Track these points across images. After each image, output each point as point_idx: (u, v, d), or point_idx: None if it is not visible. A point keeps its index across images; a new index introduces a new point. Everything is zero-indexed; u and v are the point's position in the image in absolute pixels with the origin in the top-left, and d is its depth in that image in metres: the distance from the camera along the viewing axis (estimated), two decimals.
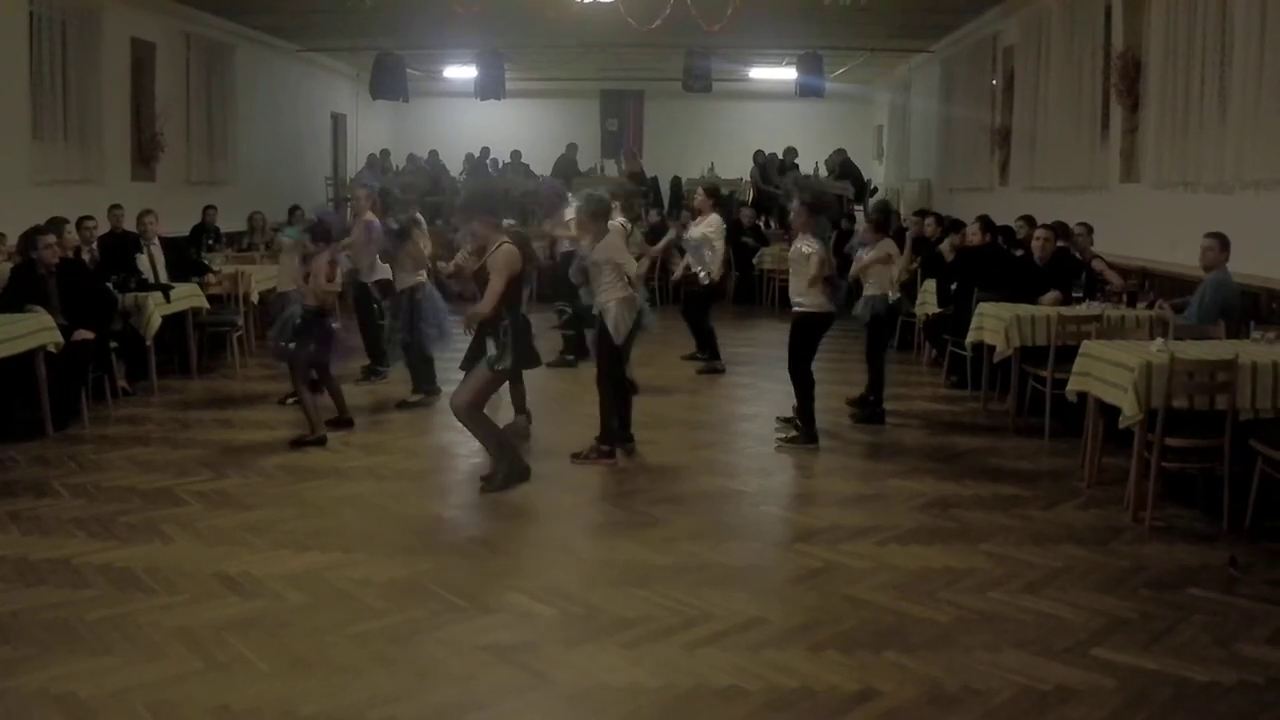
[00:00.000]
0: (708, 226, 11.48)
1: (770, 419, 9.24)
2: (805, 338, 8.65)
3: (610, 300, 8.05)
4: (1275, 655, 4.83)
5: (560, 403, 9.83)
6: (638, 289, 8.32)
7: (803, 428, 8.66)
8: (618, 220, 9.46)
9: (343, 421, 9.01)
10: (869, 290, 9.32)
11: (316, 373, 8.80)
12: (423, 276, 9.78)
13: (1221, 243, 8.10)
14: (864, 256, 9.43)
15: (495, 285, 7.13)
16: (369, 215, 10.39)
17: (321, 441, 8.50)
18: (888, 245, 9.47)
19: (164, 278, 10.97)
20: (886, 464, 8.13)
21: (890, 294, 9.32)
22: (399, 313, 9.84)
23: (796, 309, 8.62)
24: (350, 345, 9.71)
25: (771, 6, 14.60)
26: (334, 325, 8.75)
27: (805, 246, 8.44)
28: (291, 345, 8.52)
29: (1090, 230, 10.63)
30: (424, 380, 10.05)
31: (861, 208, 18.47)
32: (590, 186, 9.56)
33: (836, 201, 9.98)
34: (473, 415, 7.34)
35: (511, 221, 8.32)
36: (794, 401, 8.79)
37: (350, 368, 10.44)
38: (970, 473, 7.85)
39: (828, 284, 8.51)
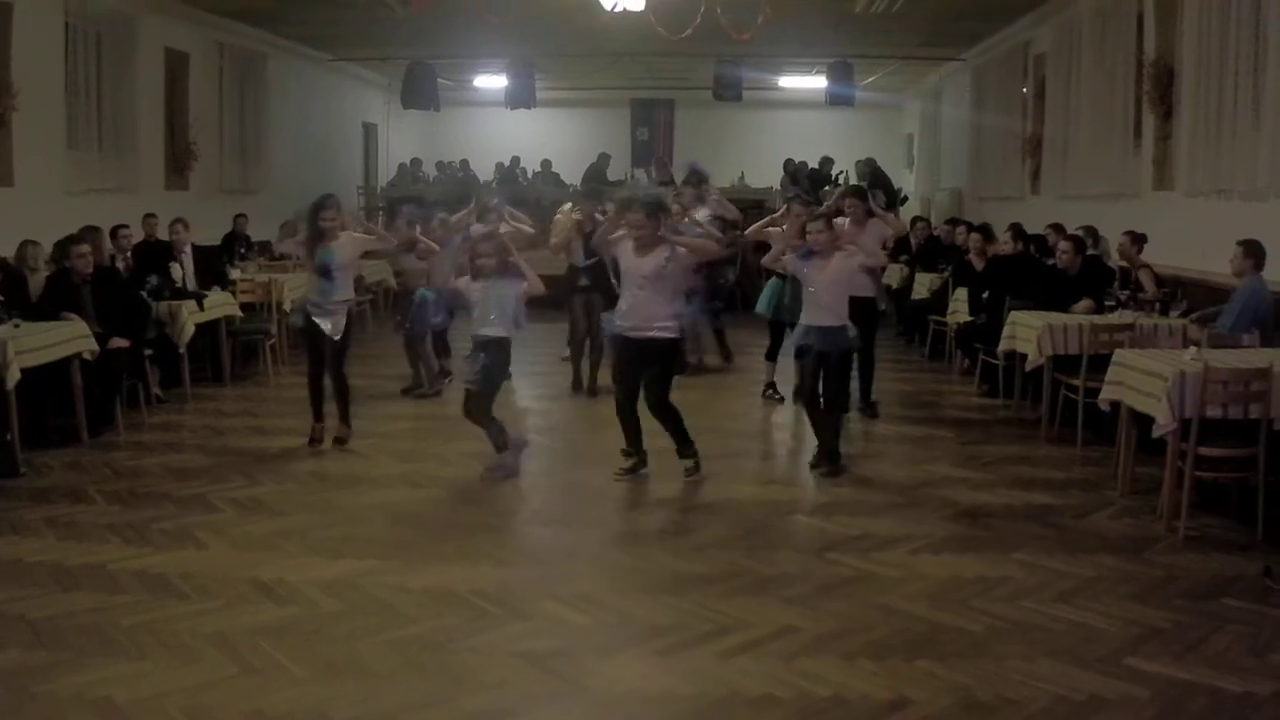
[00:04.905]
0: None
1: (800, 425, 9.16)
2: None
3: None
4: None
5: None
6: None
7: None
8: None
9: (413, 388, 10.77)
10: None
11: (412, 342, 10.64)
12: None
13: (1248, 250, 8.01)
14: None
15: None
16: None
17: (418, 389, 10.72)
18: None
19: (193, 286, 11.00)
20: (918, 473, 8.09)
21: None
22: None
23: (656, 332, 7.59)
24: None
25: (801, 15, 14.59)
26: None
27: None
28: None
29: (1134, 239, 10.20)
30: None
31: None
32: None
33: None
34: None
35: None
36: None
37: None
38: (1002, 482, 7.81)
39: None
